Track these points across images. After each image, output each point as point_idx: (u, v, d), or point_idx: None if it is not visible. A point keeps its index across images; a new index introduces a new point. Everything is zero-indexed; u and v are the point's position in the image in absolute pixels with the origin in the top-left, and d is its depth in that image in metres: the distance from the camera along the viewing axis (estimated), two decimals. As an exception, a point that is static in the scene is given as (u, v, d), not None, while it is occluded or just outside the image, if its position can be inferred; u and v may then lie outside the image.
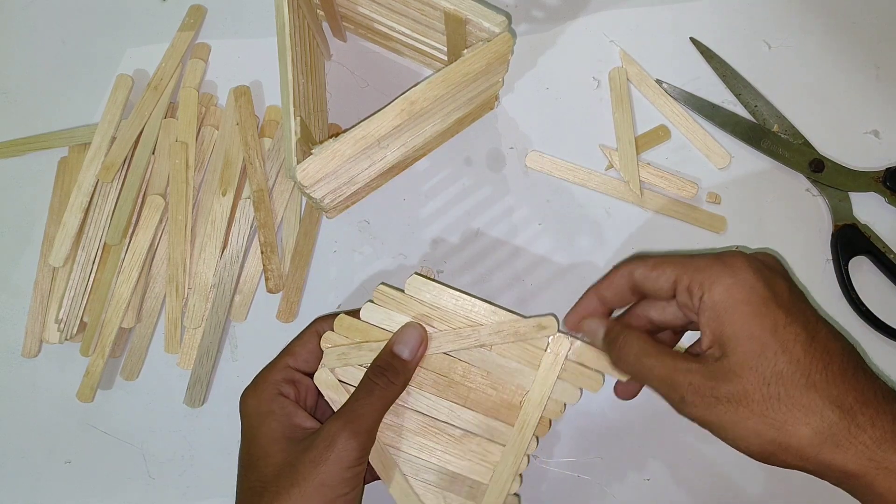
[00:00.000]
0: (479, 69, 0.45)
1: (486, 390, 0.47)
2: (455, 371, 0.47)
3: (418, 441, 0.47)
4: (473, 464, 0.47)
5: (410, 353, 0.45)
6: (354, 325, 0.47)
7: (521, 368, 0.47)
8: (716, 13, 0.59)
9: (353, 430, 0.42)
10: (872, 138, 0.56)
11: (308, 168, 0.43)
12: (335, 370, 0.47)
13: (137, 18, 0.60)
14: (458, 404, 0.47)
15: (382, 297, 0.47)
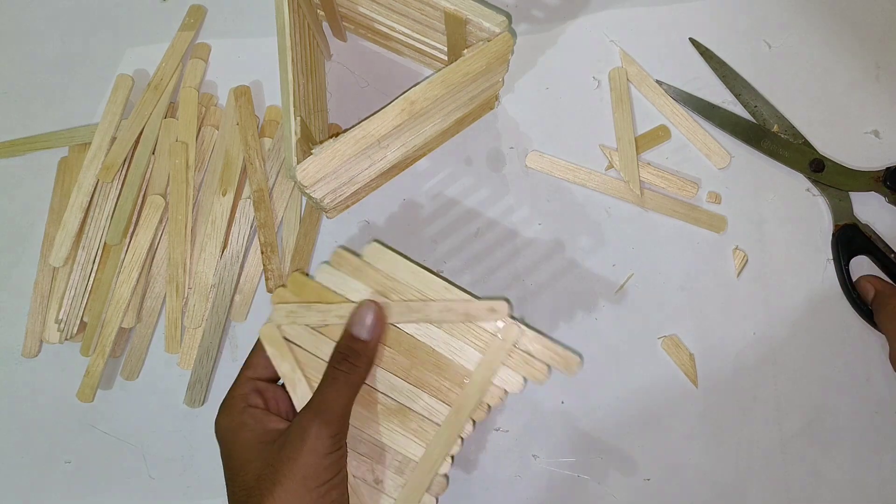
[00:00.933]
0: (480, 69, 0.45)
1: (430, 368, 0.47)
2: (401, 344, 0.47)
3: (354, 408, 0.46)
4: (407, 439, 0.46)
5: (369, 333, 0.45)
6: (308, 284, 0.47)
7: (467, 350, 0.47)
8: (716, 13, 0.59)
9: (324, 419, 0.42)
10: (872, 138, 0.56)
11: (308, 168, 0.43)
12: (282, 327, 0.46)
13: (137, 18, 0.60)
14: (399, 377, 0.47)
15: (340, 260, 0.47)
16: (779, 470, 0.52)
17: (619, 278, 0.55)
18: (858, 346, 0.53)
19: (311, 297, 0.47)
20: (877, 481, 0.52)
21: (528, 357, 0.47)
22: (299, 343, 0.46)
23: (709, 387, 0.53)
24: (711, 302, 0.54)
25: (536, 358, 0.47)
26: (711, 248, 0.55)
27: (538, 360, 0.47)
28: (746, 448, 0.52)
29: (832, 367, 0.53)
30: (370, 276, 0.47)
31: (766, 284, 0.54)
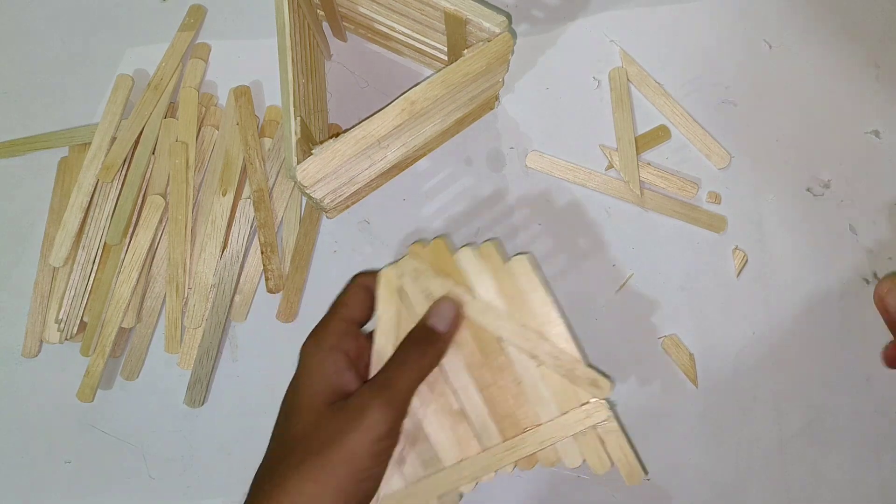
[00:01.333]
0: (480, 69, 0.45)
1: (508, 395, 0.46)
2: (495, 358, 0.46)
3: (420, 386, 0.45)
4: (449, 442, 0.46)
5: (446, 326, 0.45)
6: (446, 257, 0.46)
7: (549, 402, 0.46)
8: (716, 13, 0.59)
9: (385, 399, 0.41)
10: (873, 138, 0.56)
11: (308, 168, 0.43)
12: (401, 278, 0.46)
13: (137, 18, 0.60)
14: (475, 387, 0.46)
15: (487, 253, 0.46)
16: (779, 470, 0.52)
17: (619, 278, 0.55)
18: (858, 346, 0.53)
19: (441, 269, 0.46)
20: (877, 481, 0.52)
21: (600, 444, 0.46)
22: (412, 298, 0.46)
23: (709, 387, 0.53)
24: (711, 302, 0.54)
25: (606, 450, 0.46)
26: (711, 248, 0.55)
27: (606, 453, 0.46)
28: (746, 448, 0.52)
29: (832, 367, 0.53)
30: (504, 283, 0.46)
31: (766, 284, 0.54)
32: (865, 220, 0.55)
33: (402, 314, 0.46)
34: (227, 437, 0.54)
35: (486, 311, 0.46)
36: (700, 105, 0.57)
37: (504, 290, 0.46)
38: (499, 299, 0.46)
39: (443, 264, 0.47)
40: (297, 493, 0.39)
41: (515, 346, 0.46)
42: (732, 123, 0.57)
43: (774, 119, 0.57)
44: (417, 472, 0.46)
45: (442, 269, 0.47)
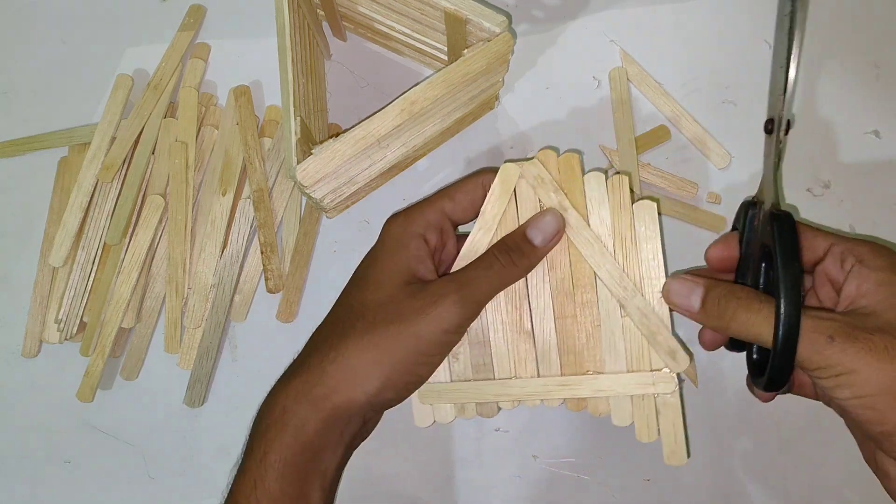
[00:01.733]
0: (480, 69, 0.45)
1: (581, 333, 0.45)
2: (584, 293, 0.45)
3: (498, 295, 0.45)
4: (506, 357, 0.45)
5: (543, 241, 0.43)
6: (574, 176, 0.45)
7: (621, 354, 0.45)
8: (716, 13, 0.59)
9: (462, 295, 0.41)
10: (873, 138, 0.56)
11: (308, 168, 0.43)
12: (519, 179, 0.45)
13: (137, 18, 0.60)
14: (553, 313, 0.45)
15: (615, 185, 0.45)
16: (779, 470, 0.52)
17: (619, 278, 0.55)
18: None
19: (564, 184, 0.45)
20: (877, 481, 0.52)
21: (654, 413, 0.45)
22: (520, 201, 0.45)
23: (709, 387, 0.53)
24: (711, 302, 0.54)
25: (660, 422, 0.45)
26: (711, 248, 0.55)
27: (658, 425, 0.45)
28: (746, 448, 0.52)
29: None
30: (622, 222, 0.45)
31: (766, 284, 0.54)
32: (865, 220, 0.55)
33: (508, 215, 0.45)
34: (227, 437, 0.54)
35: (593, 244, 0.45)
36: (700, 105, 0.57)
37: (618, 229, 0.45)
38: (610, 236, 0.45)
39: (567, 180, 0.45)
40: (358, 356, 0.40)
41: (608, 289, 0.45)
42: (732, 123, 0.57)
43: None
44: (466, 373, 0.45)
45: (564, 185, 0.45)
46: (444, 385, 0.46)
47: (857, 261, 0.40)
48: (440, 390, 0.45)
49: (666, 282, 0.44)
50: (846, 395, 0.36)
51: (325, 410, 0.40)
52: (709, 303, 0.41)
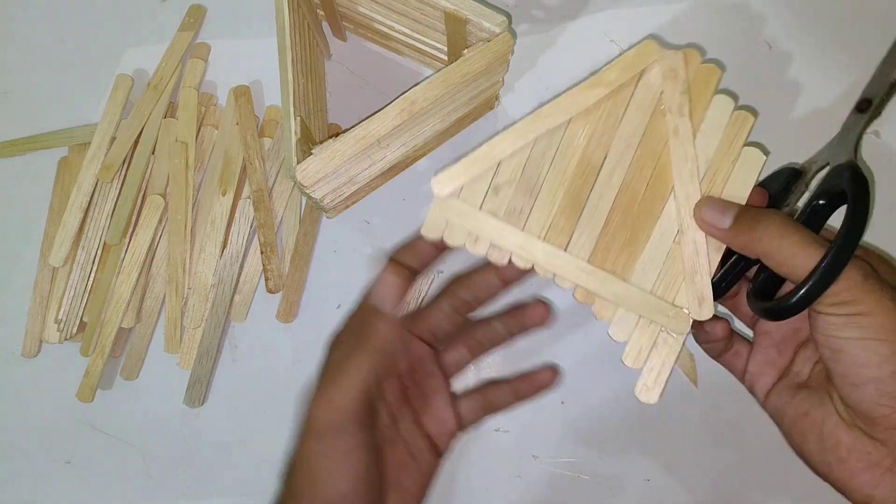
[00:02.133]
0: (480, 69, 0.45)
1: (626, 235, 0.43)
2: (651, 201, 0.43)
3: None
4: (545, 218, 0.43)
5: (390, 305, 0.42)
6: (705, 87, 0.43)
7: (653, 274, 0.43)
8: (716, 13, 0.59)
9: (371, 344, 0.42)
10: (873, 138, 0.56)
11: (308, 168, 0.43)
12: (655, 63, 0.43)
13: (137, 18, 0.60)
14: (609, 204, 0.43)
15: (739, 123, 0.43)
16: (779, 470, 0.52)
17: (619, 278, 0.55)
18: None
19: (692, 91, 0.42)
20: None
21: (651, 343, 0.43)
22: (638, 88, 0.43)
23: (709, 387, 0.53)
24: (711, 302, 0.54)
25: (650, 352, 0.43)
26: (711, 248, 0.55)
27: (647, 354, 0.43)
28: (746, 448, 0.52)
29: (832, 367, 0.53)
30: (723, 158, 0.42)
31: (766, 284, 0.54)
32: (865, 220, 0.55)
33: (625, 87, 0.43)
34: (227, 437, 0.54)
35: (687, 161, 0.42)
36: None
37: (717, 162, 0.42)
38: (705, 164, 0.43)
39: (699, 89, 0.42)
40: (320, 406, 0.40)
41: (678, 210, 0.42)
42: (732, 123, 0.57)
43: (774, 119, 0.57)
44: (499, 211, 0.43)
45: (693, 92, 0.42)
46: (471, 208, 0.42)
47: None
48: (464, 212, 0.42)
49: (699, 200, 0.42)
50: (854, 335, 0.37)
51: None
52: (741, 220, 0.40)
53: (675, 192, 0.42)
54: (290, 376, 0.54)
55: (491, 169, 0.42)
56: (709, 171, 0.43)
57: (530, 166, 0.43)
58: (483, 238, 0.42)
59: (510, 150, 0.42)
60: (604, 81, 0.42)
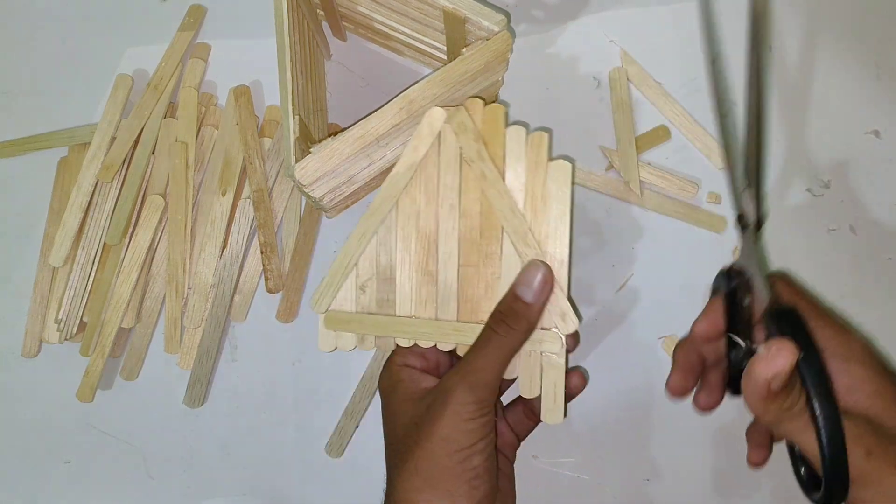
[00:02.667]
0: (479, 68, 0.45)
1: (482, 283, 0.45)
2: (489, 244, 0.45)
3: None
4: (409, 296, 0.46)
5: (534, 296, 0.43)
6: (495, 127, 0.45)
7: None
8: (716, 13, 0.59)
9: (469, 383, 0.41)
10: (873, 138, 0.56)
11: (307, 166, 0.43)
12: (445, 124, 0.46)
13: (137, 18, 0.60)
14: (457, 259, 0.45)
15: (537, 143, 0.45)
16: (779, 470, 0.52)
17: (619, 278, 0.55)
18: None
19: (487, 134, 0.45)
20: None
21: (539, 371, 0.44)
22: (441, 148, 0.46)
23: (709, 387, 0.53)
24: (711, 302, 0.54)
25: (542, 380, 0.44)
26: (711, 248, 0.55)
27: (540, 381, 0.45)
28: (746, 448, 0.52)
29: (833, 366, 0.53)
30: (535, 178, 0.45)
31: (767, 284, 0.54)
32: (865, 220, 0.55)
33: (429, 157, 0.46)
34: (227, 437, 0.54)
35: (504, 197, 0.45)
36: (700, 105, 0.57)
37: (531, 185, 0.45)
38: (522, 192, 0.45)
39: (491, 131, 0.45)
40: (407, 490, 0.40)
41: (513, 244, 0.45)
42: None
43: (774, 119, 0.57)
44: (371, 306, 0.46)
45: (486, 135, 0.45)
46: (349, 314, 0.46)
47: (835, 355, 0.40)
48: (345, 319, 0.46)
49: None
50: (867, 498, 0.37)
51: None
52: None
53: (506, 230, 0.45)
54: (290, 376, 0.54)
55: (352, 272, 0.46)
56: (527, 197, 0.45)
57: (381, 258, 0.46)
58: (368, 335, 0.46)
59: (359, 249, 0.46)
60: (410, 157, 0.45)
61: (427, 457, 0.40)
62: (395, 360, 0.45)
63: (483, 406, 0.41)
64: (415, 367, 0.45)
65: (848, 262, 0.55)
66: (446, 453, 0.40)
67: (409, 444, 0.41)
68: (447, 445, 0.40)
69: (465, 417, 0.40)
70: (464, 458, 0.40)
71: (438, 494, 0.39)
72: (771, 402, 0.36)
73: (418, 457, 0.40)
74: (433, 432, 0.40)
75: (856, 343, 0.40)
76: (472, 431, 0.40)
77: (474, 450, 0.40)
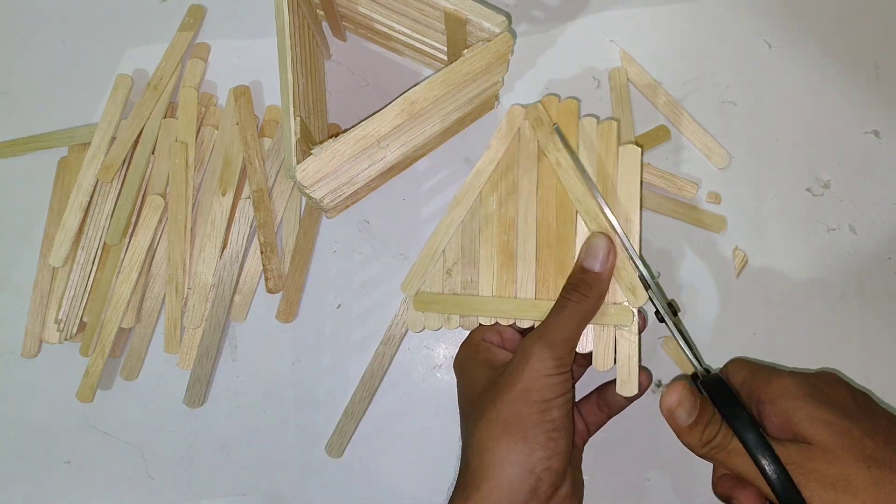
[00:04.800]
0: (479, 69, 0.45)
1: (557, 263, 0.48)
2: (565, 227, 0.49)
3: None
4: (491, 277, 0.49)
5: (602, 265, 0.46)
6: (569, 120, 0.49)
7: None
8: (716, 13, 0.59)
9: (546, 342, 0.43)
10: (872, 138, 0.56)
11: (308, 168, 0.43)
12: (524, 121, 0.50)
13: (137, 18, 0.60)
14: (536, 242, 0.49)
15: (607, 132, 0.49)
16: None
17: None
18: (858, 346, 0.53)
19: (561, 127, 0.49)
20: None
21: (612, 344, 0.47)
22: (520, 144, 0.50)
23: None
24: (711, 302, 0.54)
25: (617, 353, 0.47)
26: (711, 248, 0.55)
27: (614, 354, 0.47)
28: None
29: (831, 366, 0.53)
30: (607, 164, 0.49)
31: (766, 284, 0.54)
32: (865, 220, 0.55)
33: (510, 152, 0.50)
34: (227, 437, 0.54)
35: (578, 183, 0.48)
36: (700, 105, 0.57)
37: (602, 170, 0.49)
38: (594, 177, 0.48)
39: (565, 124, 0.49)
40: (492, 447, 0.41)
41: (586, 224, 0.48)
42: (732, 123, 0.57)
43: (774, 119, 0.57)
44: (456, 287, 0.50)
45: (562, 128, 0.49)
46: (436, 295, 0.50)
47: (762, 388, 0.44)
48: (431, 300, 0.50)
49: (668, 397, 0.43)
50: None
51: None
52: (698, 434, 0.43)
53: (579, 212, 0.49)
54: (290, 376, 0.54)
55: (439, 258, 0.50)
56: (598, 181, 0.49)
57: (466, 243, 0.50)
58: (453, 315, 0.50)
59: (447, 237, 0.50)
60: (493, 151, 0.50)
61: (507, 407, 0.42)
62: (473, 336, 0.48)
63: (561, 364, 0.43)
64: (491, 341, 0.48)
65: (848, 262, 0.55)
66: (526, 403, 0.42)
67: (488, 399, 0.43)
68: (528, 396, 0.42)
69: (544, 373, 0.42)
70: (544, 409, 0.42)
71: (516, 440, 0.41)
72: (689, 435, 0.42)
73: (499, 407, 0.42)
74: (514, 384, 0.42)
75: (785, 380, 0.43)
76: (552, 386, 0.42)
77: (554, 403, 0.42)
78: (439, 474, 0.53)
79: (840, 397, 0.42)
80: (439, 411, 0.53)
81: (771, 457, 0.39)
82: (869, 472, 0.38)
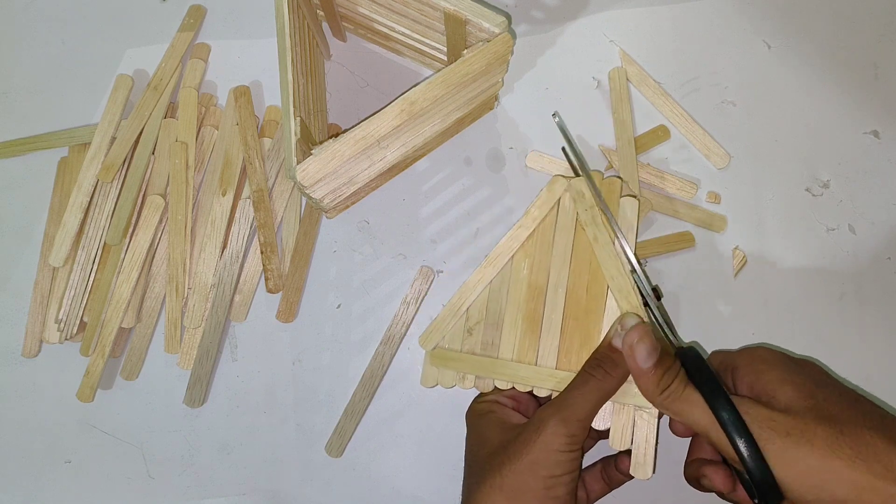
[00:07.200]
0: (479, 69, 0.45)
1: (582, 336, 0.48)
2: (595, 302, 0.48)
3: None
4: (513, 342, 0.49)
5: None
6: (612, 197, 0.50)
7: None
8: (716, 13, 0.59)
9: (562, 417, 0.42)
10: (872, 138, 0.56)
11: (308, 168, 0.43)
12: (565, 192, 0.50)
13: (137, 18, 0.60)
14: (563, 312, 0.49)
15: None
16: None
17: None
18: (858, 346, 0.53)
19: (604, 202, 0.49)
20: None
21: (631, 424, 0.47)
22: (560, 213, 0.50)
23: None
24: (711, 302, 0.54)
25: (634, 434, 0.46)
26: (711, 248, 0.55)
27: (631, 435, 0.46)
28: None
29: (831, 366, 0.53)
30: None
31: (766, 284, 0.54)
32: (865, 220, 0.55)
33: (548, 219, 0.50)
34: (227, 437, 0.54)
35: (611, 260, 0.48)
36: (700, 105, 0.57)
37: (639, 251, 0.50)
38: (632, 257, 0.48)
39: (607, 200, 0.50)
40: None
41: (617, 304, 0.48)
42: (732, 123, 0.57)
43: (774, 119, 0.57)
44: (475, 347, 0.49)
45: (607, 200, 0.50)
46: (453, 353, 0.49)
47: (742, 365, 0.44)
48: (449, 356, 0.49)
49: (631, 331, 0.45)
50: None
51: None
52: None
53: (611, 289, 0.48)
54: (290, 376, 0.54)
55: (462, 316, 0.50)
56: (635, 263, 0.48)
57: (491, 305, 0.50)
58: (469, 375, 0.49)
59: (473, 297, 0.50)
60: (531, 219, 0.50)
61: (513, 476, 0.41)
62: (487, 396, 0.48)
63: (574, 441, 0.42)
64: (505, 404, 0.47)
65: (847, 262, 0.55)
66: (533, 476, 0.41)
67: (496, 464, 0.42)
68: (536, 469, 0.41)
69: (555, 448, 0.41)
70: (550, 485, 0.41)
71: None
72: (647, 379, 0.43)
73: (504, 475, 0.41)
74: (523, 455, 0.42)
75: (760, 350, 0.44)
76: (561, 463, 0.42)
77: (561, 480, 0.42)
78: (439, 474, 0.53)
79: (814, 371, 0.43)
80: (439, 411, 0.53)
81: (728, 405, 0.39)
82: (829, 427, 0.38)
